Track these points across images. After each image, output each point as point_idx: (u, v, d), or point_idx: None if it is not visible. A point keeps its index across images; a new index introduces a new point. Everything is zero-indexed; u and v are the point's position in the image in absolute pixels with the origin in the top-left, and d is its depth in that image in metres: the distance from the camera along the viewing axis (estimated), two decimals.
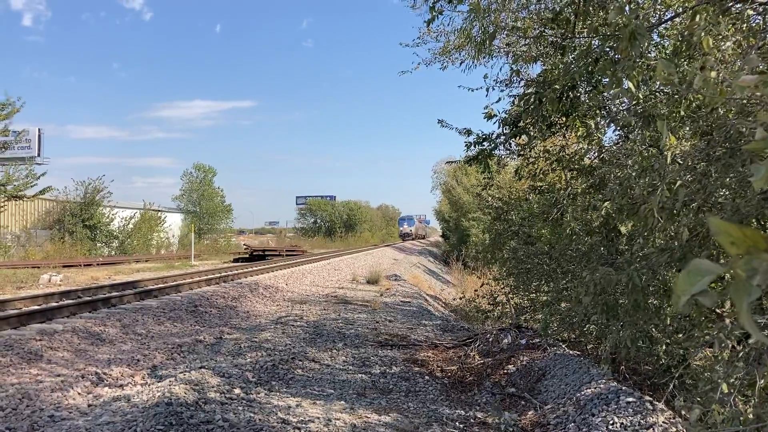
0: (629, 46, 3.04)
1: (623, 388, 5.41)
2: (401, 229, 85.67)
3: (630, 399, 5.01)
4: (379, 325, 10.87)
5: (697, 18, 2.98)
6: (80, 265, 28.52)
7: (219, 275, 17.39)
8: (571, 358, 7.04)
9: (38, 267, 25.33)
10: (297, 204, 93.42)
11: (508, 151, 6.98)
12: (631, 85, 3.31)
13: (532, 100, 5.19)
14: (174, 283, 15.19)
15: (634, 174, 4.47)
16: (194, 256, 35.39)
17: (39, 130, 47.65)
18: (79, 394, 6.03)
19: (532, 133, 5.90)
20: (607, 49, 4.68)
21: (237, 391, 6.04)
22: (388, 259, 34.63)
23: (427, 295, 20.77)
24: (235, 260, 34.50)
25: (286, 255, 35.42)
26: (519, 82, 7.26)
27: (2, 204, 19.16)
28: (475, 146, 6.51)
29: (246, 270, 20.13)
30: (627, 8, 3.01)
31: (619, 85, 3.45)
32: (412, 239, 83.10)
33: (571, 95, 5.46)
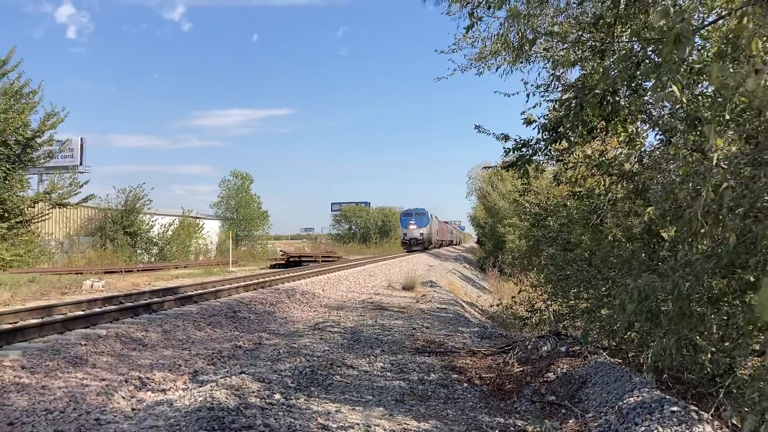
0: (673, 50, 3.00)
1: (667, 397, 5.31)
2: (405, 231, 55.48)
3: (675, 408, 4.91)
4: (416, 332, 10.85)
5: (745, 20, 2.92)
6: (121, 272, 29.09)
7: (257, 281, 17.57)
8: (612, 366, 6.93)
9: (81, 273, 25.90)
10: (332, 210, 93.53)
11: (546, 157, 6.92)
12: (676, 89, 3.27)
13: (573, 105, 5.15)
14: (213, 289, 15.39)
15: (677, 178, 4.40)
16: (232, 262, 35.81)
17: (81, 139, 48.83)
18: (123, 398, 6.14)
19: (572, 139, 5.84)
20: (650, 53, 4.62)
21: (277, 396, 6.08)
22: (423, 265, 34.56)
23: (464, 301, 20.67)
24: (272, 266, 34.82)
25: (322, 261, 35.63)
26: (557, 87, 7.21)
27: (47, 212, 19.64)
28: (514, 152, 6.47)
29: (283, 276, 20.30)
30: (671, 11, 2.97)
31: (663, 89, 3.41)
32: (426, 247, 55.39)
33: (612, 100, 5.40)
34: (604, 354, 7.85)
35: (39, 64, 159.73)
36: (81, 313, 10.85)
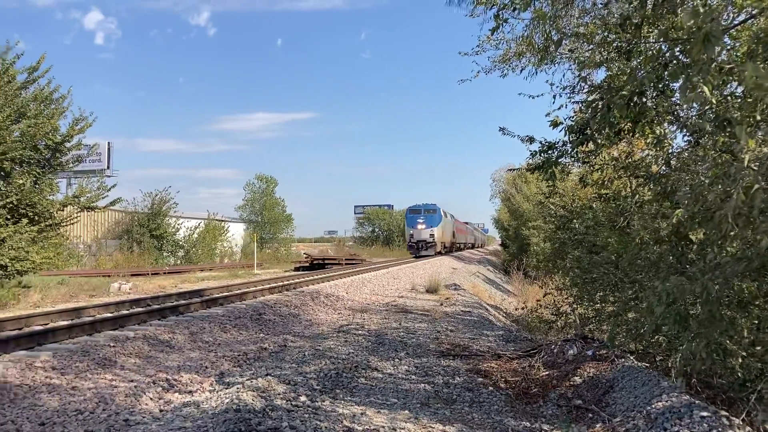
0: (703, 50, 2.96)
1: (696, 402, 5.23)
2: (411, 231, 45.94)
3: (704, 413, 4.84)
4: (441, 335, 10.83)
5: None
6: (148, 274, 29.47)
7: (281, 284, 17.67)
8: (639, 370, 6.85)
9: (108, 275, 26.30)
10: (355, 213, 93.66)
11: (573, 159, 6.86)
12: (706, 89, 3.23)
13: (600, 106, 5.10)
14: (238, 291, 15.51)
15: (707, 180, 4.34)
16: (256, 264, 36.05)
17: (109, 143, 49.61)
18: (151, 399, 6.21)
19: (599, 141, 5.79)
20: (677, 53, 4.57)
21: (303, 398, 6.11)
22: (447, 268, 34.45)
23: (488, 304, 20.57)
24: (296, 269, 34.98)
25: (346, 264, 35.71)
26: (583, 88, 7.15)
27: (76, 215, 19.93)
28: (540, 154, 6.44)
29: (307, 279, 20.38)
30: (701, 11, 2.93)
31: (693, 90, 3.36)
32: (439, 250, 46.51)
33: (639, 101, 5.34)
34: (632, 358, 7.76)
35: (68, 70, 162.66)
36: (109, 315, 11.00)
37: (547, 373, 7.88)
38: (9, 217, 15.80)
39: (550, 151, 6.43)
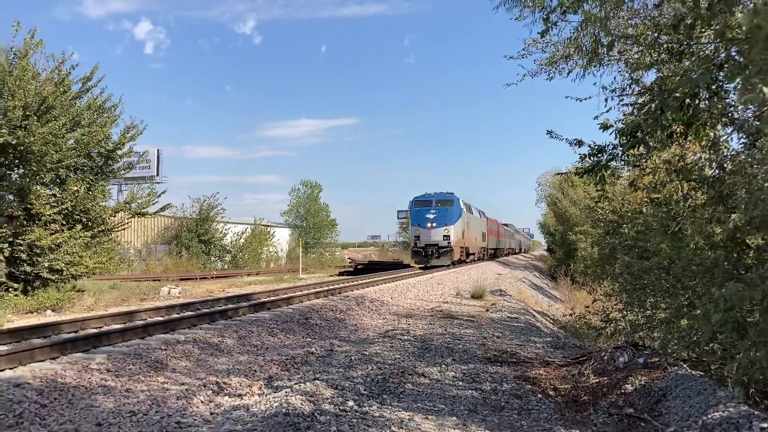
0: (763, 49, 2.88)
1: (756, 412, 5.06)
2: (417, 231, 33.87)
3: (764, 425, 4.68)
4: (487, 341, 10.74)
5: None
6: (196, 278, 30.00)
7: (326, 288, 17.79)
8: (693, 379, 6.67)
9: (158, 280, 26.86)
10: (398, 218, 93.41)
11: (623, 162, 6.74)
12: (765, 90, 3.13)
13: (652, 109, 5.00)
14: (285, 295, 15.66)
15: (766, 184, 4.21)
16: (301, 269, 36.37)
17: (158, 150, 50.70)
18: (201, 402, 6.31)
19: (651, 144, 5.68)
20: (734, 54, 4.45)
21: (350, 403, 6.13)
22: (492, 273, 34.16)
23: (535, 311, 20.32)
24: (340, 273, 35.17)
25: (389, 269, 35.72)
26: (633, 90, 7.03)
27: (127, 221, 20.45)
28: (589, 158, 6.34)
29: (352, 283, 20.47)
30: (762, 10, 2.85)
31: (753, 91, 3.27)
32: (459, 258, 35.17)
33: (692, 103, 5.22)
34: (685, 366, 7.56)
35: (119, 79, 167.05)
36: (160, 318, 11.25)
37: (597, 380, 7.74)
38: (64, 222, 16.31)
39: (600, 155, 6.33)
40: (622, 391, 7.15)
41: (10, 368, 6.88)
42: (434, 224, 32.99)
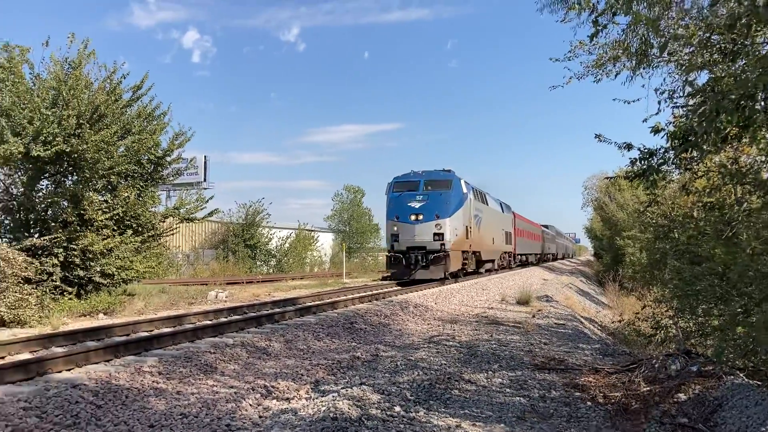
0: None
1: None
2: (397, 228, 22.76)
3: None
4: (534, 348, 10.61)
5: None
6: (242, 282, 30.43)
7: (370, 293, 17.83)
8: (751, 389, 6.47)
9: (206, 284, 27.35)
10: None
11: (674, 166, 6.59)
12: None
13: (707, 111, 4.88)
14: (329, 300, 15.77)
15: None
16: (345, 273, 36.55)
17: (205, 157, 51.65)
18: (250, 405, 6.39)
19: (704, 147, 5.54)
20: None
21: (397, 408, 6.13)
22: (537, 279, 33.78)
23: (582, 317, 20.00)
24: (383, 278, 35.19)
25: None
26: (684, 92, 6.87)
27: (176, 226, 20.88)
28: (640, 162, 6.22)
29: (395, 288, 20.47)
30: None
31: None
32: (463, 269, 24.84)
33: (748, 105, 5.08)
34: (741, 375, 7.35)
35: (168, 87, 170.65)
36: (209, 322, 11.44)
37: (648, 388, 7.57)
38: (115, 228, 16.73)
39: (650, 159, 6.21)
40: (675, 400, 6.98)
41: (68, 370, 7.08)
42: (420, 216, 22.16)
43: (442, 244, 22.12)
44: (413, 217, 22.54)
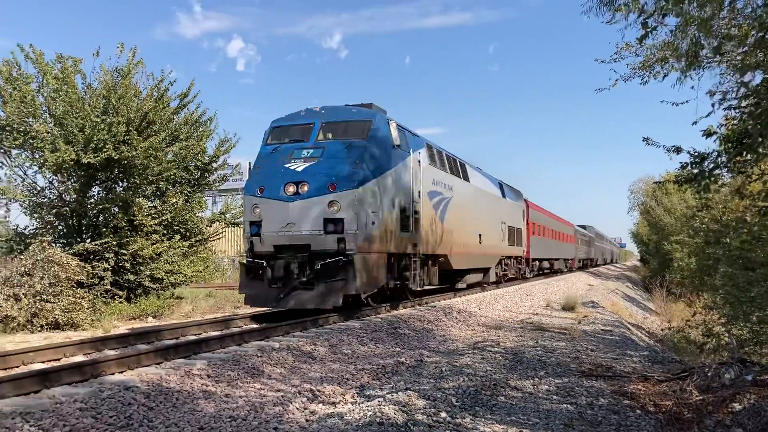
0: None
1: None
2: (256, 211, 12.40)
3: None
4: (581, 354, 10.46)
5: None
6: None
7: (419, 297, 17.77)
8: None
9: None
10: None
11: (727, 170, 6.44)
12: None
13: (762, 113, 4.76)
14: (373, 304, 15.78)
15: None
16: None
17: (249, 163, 52.23)
18: (297, 409, 6.44)
19: (760, 150, 5.40)
20: None
21: (443, 414, 6.11)
22: (583, 284, 33.30)
23: (629, 323, 19.64)
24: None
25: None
26: (737, 93, 6.71)
27: (221, 231, 21.23)
28: (692, 166, 6.09)
29: (438, 293, 20.40)
30: None
31: None
32: (361, 291, 12.40)
33: None
34: None
35: (213, 95, 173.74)
36: (255, 326, 11.56)
37: (700, 397, 7.38)
38: (164, 233, 17.10)
39: (702, 163, 6.07)
40: (729, 409, 6.80)
41: (120, 372, 7.25)
42: (305, 188, 12.40)
43: (341, 241, 12.03)
44: (290, 190, 12.29)
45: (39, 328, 12.41)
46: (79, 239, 16.15)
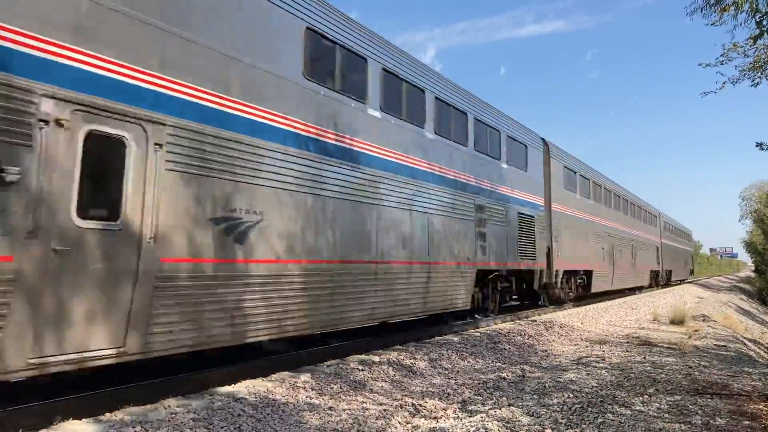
0: None
1: None
2: None
3: None
4: (693, 371, 9.94)
5: None
6: None
7: (513, 312, 17.51)
8: None
9: None
10: None
11: None
12: None
13: None
14: (470, 318, 15.65)
15: None
16: None
17: None
18: (399, 423, 6.48)
19: None
20: None
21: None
22: (692, 296, 31.68)
23: (744, 338, 18.51)
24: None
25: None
26: None
27: None
28: None
29: (539, 308, 19.97)
30: None
31: None
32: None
33: None
34: None
35: None
36: (357, 340, 11.72)
37: None
38: None
39: None
40: None
41: (229, 384, 7.54)
42: None
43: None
44: None
45: None
46: None
